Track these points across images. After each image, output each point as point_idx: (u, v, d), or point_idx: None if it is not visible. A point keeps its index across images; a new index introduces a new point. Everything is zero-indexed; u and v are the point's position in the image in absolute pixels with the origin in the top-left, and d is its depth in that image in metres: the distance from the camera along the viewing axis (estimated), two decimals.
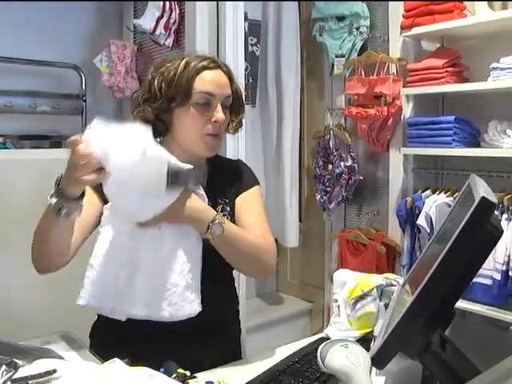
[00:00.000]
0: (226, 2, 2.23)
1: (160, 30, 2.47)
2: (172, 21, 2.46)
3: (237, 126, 1.34)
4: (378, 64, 2.45)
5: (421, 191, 2.37)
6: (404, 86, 2.40)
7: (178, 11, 2.46)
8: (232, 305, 1.42)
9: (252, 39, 2.75)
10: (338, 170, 2.68)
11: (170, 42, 2.50)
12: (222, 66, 1.27)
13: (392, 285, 1.29)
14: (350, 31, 2.63)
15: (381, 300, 1.27)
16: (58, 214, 1.04)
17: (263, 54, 2.88)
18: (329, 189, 2.75)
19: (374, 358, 0.86)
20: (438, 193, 2.30)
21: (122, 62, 2.68)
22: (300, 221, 3.08)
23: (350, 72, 2.65)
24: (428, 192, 2.34)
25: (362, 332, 1.27)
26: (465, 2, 2.22)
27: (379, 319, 1.24)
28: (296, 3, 2.94)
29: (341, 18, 2.66)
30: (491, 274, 2.00)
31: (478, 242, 0.77)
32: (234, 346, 1.40)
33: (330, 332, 1.31)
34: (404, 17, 2.36)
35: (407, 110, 2.44)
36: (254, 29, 2.76)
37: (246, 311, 2.27)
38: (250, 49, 2.72)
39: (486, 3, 2.14)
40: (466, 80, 2.28)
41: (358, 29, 2.60)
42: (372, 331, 1.25)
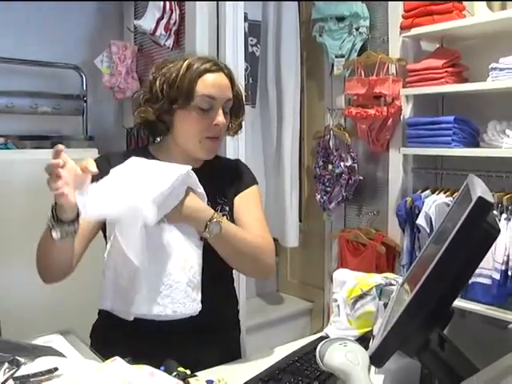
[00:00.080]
0: (226, 3, 2.23)
1: (160, 30, 2.47)
2: (172, 22, 2.46)
3: (236, 128, 1.35)
4: (377, 64, 2.45)
5: (420, 191, 2.37)
6: (403, 87, 2.40)
7: (178, 12, 2.46)
8: (232, 305, 1.43)
9: (252, 39, 2.75)
10: (337, 170, 2.69)
11: (170, 42, 2.50)
12: (223, 68, 1.27)
13: (391, 284, 1.29)
14: (349, 31, 2.63)
15: (380, 299, 1.27)
16: (53, 238, 1.04)
17: (263, 54, 2.89)
18: (329, 189, 2.76)
19: (372, 357, 0.86)
20: (437, 193, 2.30)
21: (123, 62, 2.68)
22: (300, 221, 3.08)
23: (349, 72, 2.65)
24: (427, 192, 2.34)
25: (362, 331, 1.28)
26: (464, 3, 2.23)
27: (378, 318, 1.25)
28: (296, 3, 2.95)
29: (340, 19, 2.66)
30: (490, 273, 2.00)
31: (475, 241, 0.77)
32: (233, 346, 1.40)
33: (330, 331, 1.32)
34: (403, 17, 2.37)
35: (407, 110, 2.44)
36: (253, 29, 2.76)
37: (246, 311, 2.28)
38: (249, 49, 2.72)
39: (485, 4, 2.15)
40: (465, 80, 2.29)
41: (357, 29, 2.60)
42: (371, 330, 1.25)
